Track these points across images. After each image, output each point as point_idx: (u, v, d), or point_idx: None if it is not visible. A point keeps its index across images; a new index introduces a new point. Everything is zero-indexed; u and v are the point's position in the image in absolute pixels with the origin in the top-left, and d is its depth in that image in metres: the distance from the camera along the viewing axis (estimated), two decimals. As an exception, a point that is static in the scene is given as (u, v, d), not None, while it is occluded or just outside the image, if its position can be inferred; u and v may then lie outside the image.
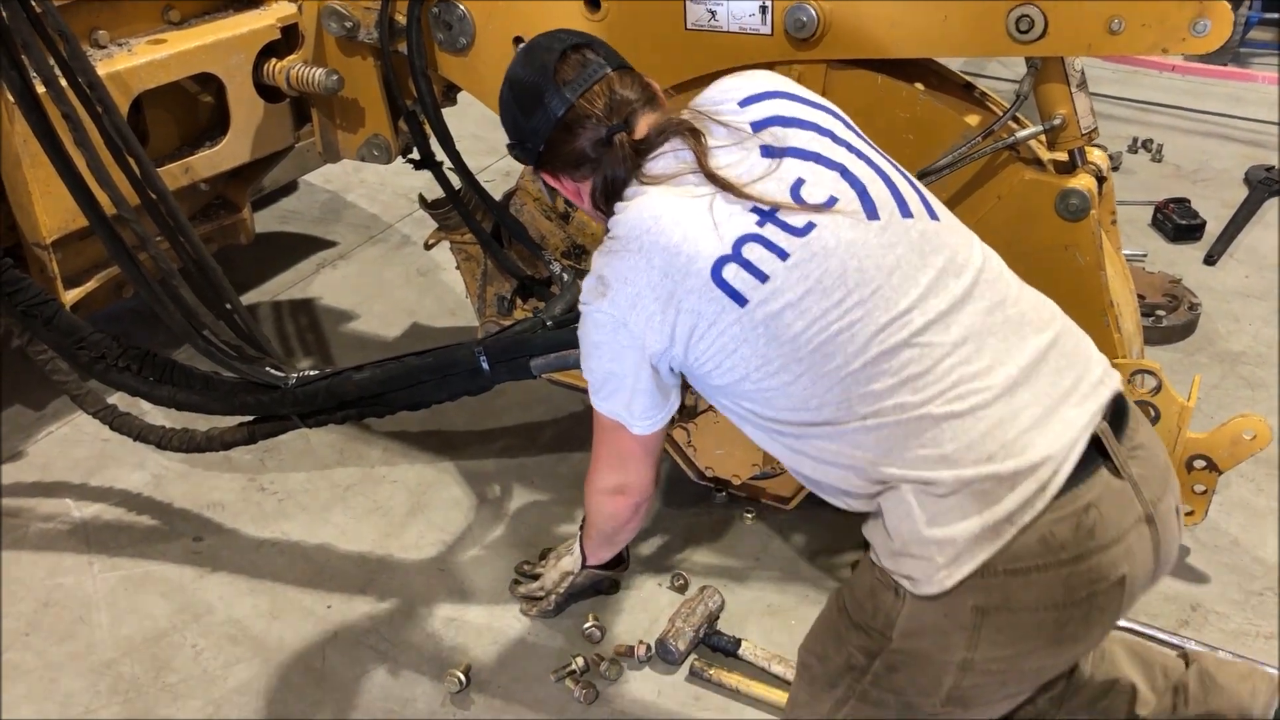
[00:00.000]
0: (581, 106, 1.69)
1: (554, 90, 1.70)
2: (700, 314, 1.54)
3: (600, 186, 1.71)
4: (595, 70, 1.72)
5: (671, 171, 1.62)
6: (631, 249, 1.58)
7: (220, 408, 2.38)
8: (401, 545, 2.52)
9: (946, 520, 1.44)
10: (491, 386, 2.28)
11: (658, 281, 1.55)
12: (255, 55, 2.79)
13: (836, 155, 1.62)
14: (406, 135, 2.98)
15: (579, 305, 1.68)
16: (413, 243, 3.82)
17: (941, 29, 2.18)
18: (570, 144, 1.71)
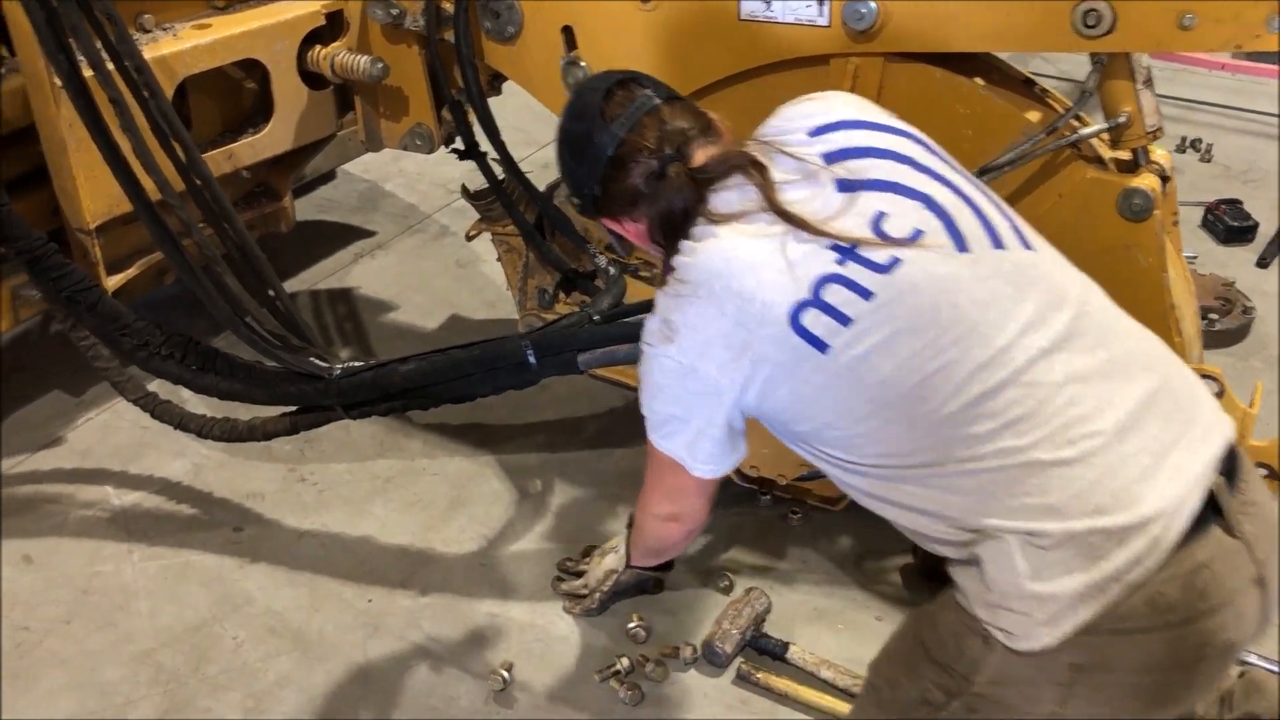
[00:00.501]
0: (631, 141, 1.62)
1: (602, 128, 1.64)
2: (778, 363, 1.47)
3: (657, 220, 1.63)
4: (643, 103, 1.66)
5: (738, 209, 1.53)
6: (701, 295, 1.50)
7: (263, 397, 2.35)
8: (443, 539, 2.49)
9: (1050, 575, 1.36)
10: (537, 380, 2.24)
11: (730, 330, 1.48)
12: (300, 42, 2.76)
13: (919, 184, 1.53)
14: (449, 125, 2.96)
15: (642, 344, 1.60)
16: (451, 233, 3.79)
17: (1005, 23, 2.13)
18: (624, 181, 1.64)
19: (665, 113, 1.66)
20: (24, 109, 2.41)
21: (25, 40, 2.26)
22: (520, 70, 2.65)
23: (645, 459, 2.61)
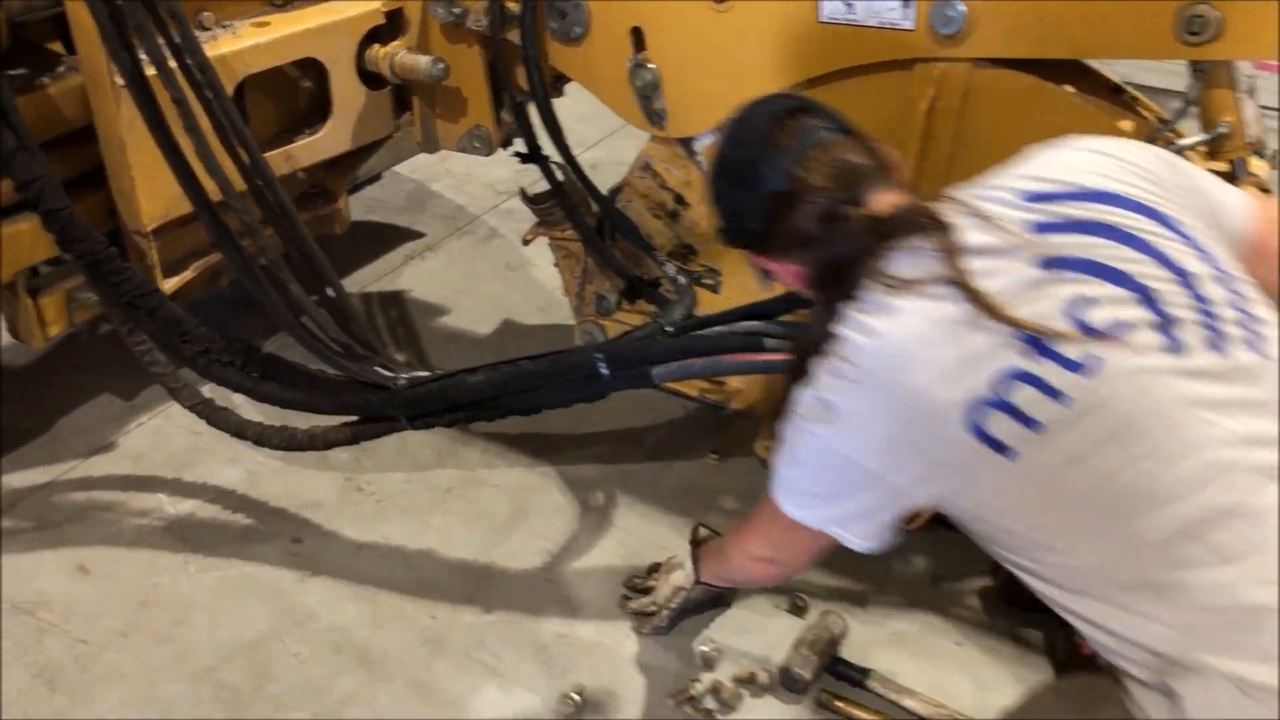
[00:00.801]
0: (802, 178, 1.49)
1: (770, 160, 1.51)
2: (953, 466, 1.35)
3: (821, 269, 1.50)
4: (816, 136, 1.52)
5: (915, 275, 1.38)
6: (870, 384, 1.36)
7: (326, 407, 2.30)
8: (505, 553, 2.42)
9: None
10: (608, 394, 2.18)
11: (899, 430, 1.36)
12: (359, 40, 2.70)
13: (1140, 273, 1.35)
14: (508, 126, 2.89)
15: (793, 415, 1.47)
16: (501, 235, 3.73)
17: (1103, 29, 2.04)
18: (791, 221, 1.51)
19: (841, 147, 1.52)
20: (82, 109, 2.35)
21: (87, 38, 2.20)
22: (585, 72, 2.59)
23: (712, 474, 2.56)
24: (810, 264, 1.53)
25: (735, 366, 2.10)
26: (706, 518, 2.50)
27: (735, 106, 2.40)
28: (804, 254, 1.54)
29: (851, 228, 1.45)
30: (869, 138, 1.57)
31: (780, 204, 1.51)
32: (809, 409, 1.45)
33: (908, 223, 1.43)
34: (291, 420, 2.41)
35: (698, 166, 2.60)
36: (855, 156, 1.52)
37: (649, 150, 2.66)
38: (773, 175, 1.51)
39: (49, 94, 2.31)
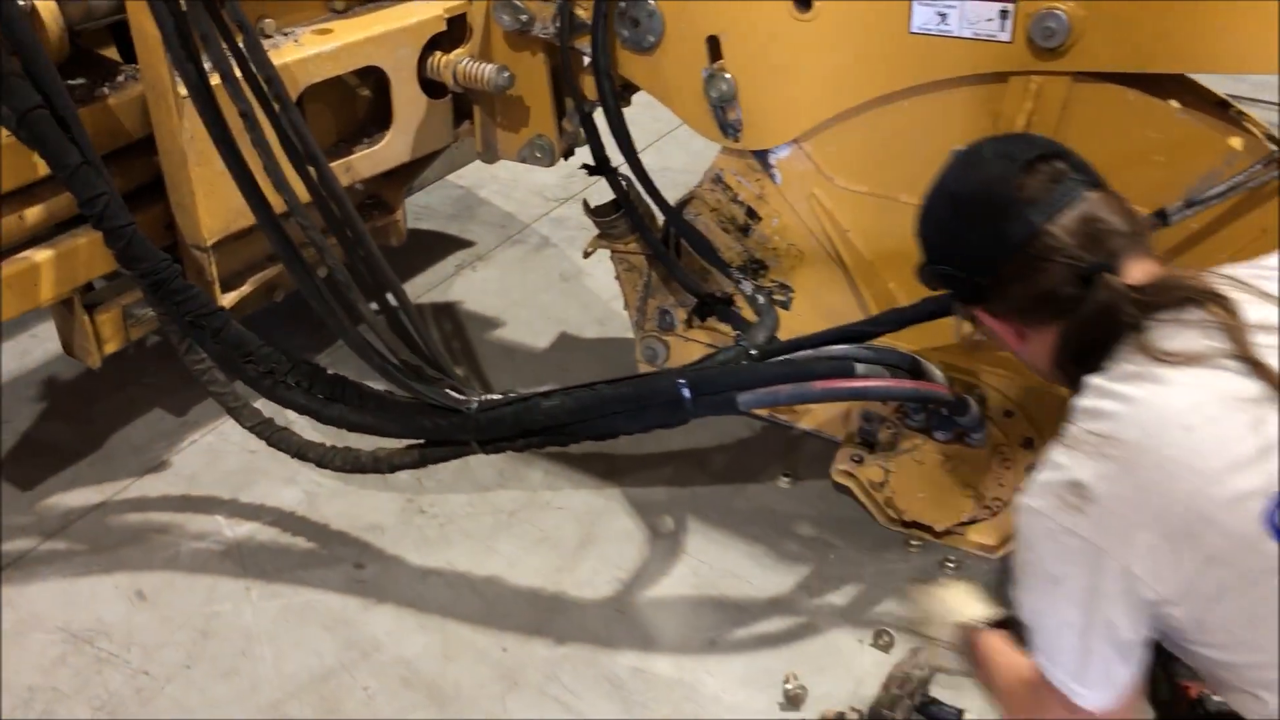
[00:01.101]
0: (1051, 234, 1.35)
1: (1017, 209, 1.36)
2: (1236, 570, 1.20)
3: (1073, 341, 1.36)
4: (1071, 189, 1.37)
5: (1194, 349, 1.24)
6: (1142, 463, 1.20)
7: (395, 430, 2.21)
8: (575, 581, 2.34)
9: None
10: (689, 420, 2.09)
11: (1176, 516, 1.19)
12: (421, 48, 2.62)
13: None
14: (569, 136, 2.81)
15: (1026, 500, 1.31)
16: (552, 245, 3.64)
17: (1216, 42, 1.95)
18: (1031, 280, 1.37)
19: (1094, 205, 1.37)
20: (141, 121, 2.28)
21: (150, 47, 2.13)
22: (657, 81, 2.50)
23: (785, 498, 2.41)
24: (1052, 331, 1.39)
25: (825, 393, 2.02)
26: (783, 545, 2.43)
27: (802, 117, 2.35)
28: (1042, 317, 1.40)
29: (1108, 298, 1.32)
30: (1121, 196, 1.43)
31: (1022, 260, 1.37)
32: (1046, 494, 1.28)
33: (1181, 295, 1.29)
34: (350, 441, 2.34)
35: (772, 180, 2.51)
36: (1111, 216, 1.38)
37: (721, 162, 2.57)
38: (1017, 226, 1.36)
39: (108, 105, 2.24)
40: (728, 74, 2.38)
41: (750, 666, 2.15)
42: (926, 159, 2.30)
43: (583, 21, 2.49)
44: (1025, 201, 1.37)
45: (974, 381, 2.28)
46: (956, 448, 2.27)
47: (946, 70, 2.19)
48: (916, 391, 2.07)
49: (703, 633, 2.22)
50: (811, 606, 2.29)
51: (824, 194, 2.46)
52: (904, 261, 2.43)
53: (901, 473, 2.34)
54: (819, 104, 2.36)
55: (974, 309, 1.50)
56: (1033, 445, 2.26)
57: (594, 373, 2.97)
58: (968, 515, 2.31)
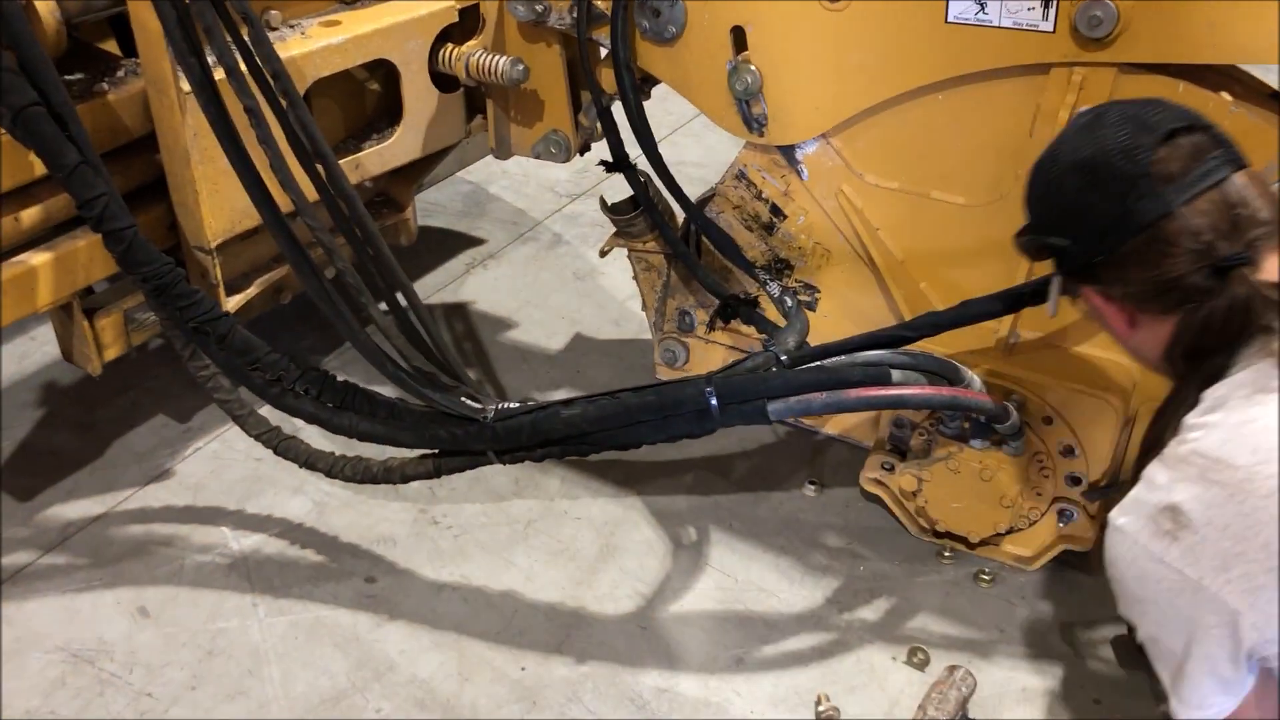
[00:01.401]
0: (1186, 216, 1.25)
1: (1149, 184, 1.26)
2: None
3: (1192, 338, 1.26)
4: (1214, 169, 1.27)
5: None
6: (1254, 490, 1.12)
7: (409, 440, 2.12)
8: (595, 596, 2.25)
9: None
10: (716, 429, 1.99)
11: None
12: (432, 41, 2.52)
13: None
14: (585, 131, 2.71)
15: (1112, 517, 1.24)
16: (565, 242, 3.54)
17: (1267, 33, 1.84)
18: (1156, 265, 1.27)
19: (1238, 188, 1.27)
20: (143, 117, 2.18)
21: (151, 41, 2.03)
22: (679, 74, 2.40)
23: (812, 506, 2.31)
24: (1170, 322, 1.30)
25: (860, 402, 1.92)
26: (810, 557, 2.34)
27: (831, 112, 2.25)
28: (1161, 306, 1.30)
29: (1241, 294, 1.22)
30: (1265, 179, 1.33)
31: (1149, 242, 1.27)
32: (1142, 517, 1.20)
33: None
34: (361, 450, 2.25)
35: (798, 176, 2.41)
36: (1255, 201, 1.27)
37: (744, 158, 2.47)
38: (1149, 204, 1.26)
39: (108, 101, 2.14)
40: (753, 66, 2.28)
41: (779, 686, 2.06)
42: (962, 155, 2.24)
43: (601, 12, 2.40)
44: (1161, 177, 1.26)
45: (1012, 387, 2.18)
46: (994, 456, 2.17)
47: (985, 62, 2.10)
48: (955, 399, 1.97)
49: (729, 650, 2.13)
50: (841, 622, 2.19)
51: (853, 191, 2.36)
52: (937, 261, 2.35)
53: (935, 482, 2.25)
54: (849, 97, 2.26)
55: (1087, 287, 1.40)
56: (1073, 453, 2.16)
57: (610, 375, 2.90)
58: (1004, 526, 2.21)
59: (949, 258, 2.32)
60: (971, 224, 2.27)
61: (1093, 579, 2.25)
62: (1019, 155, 2.17)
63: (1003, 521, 2.22)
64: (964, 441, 2.19)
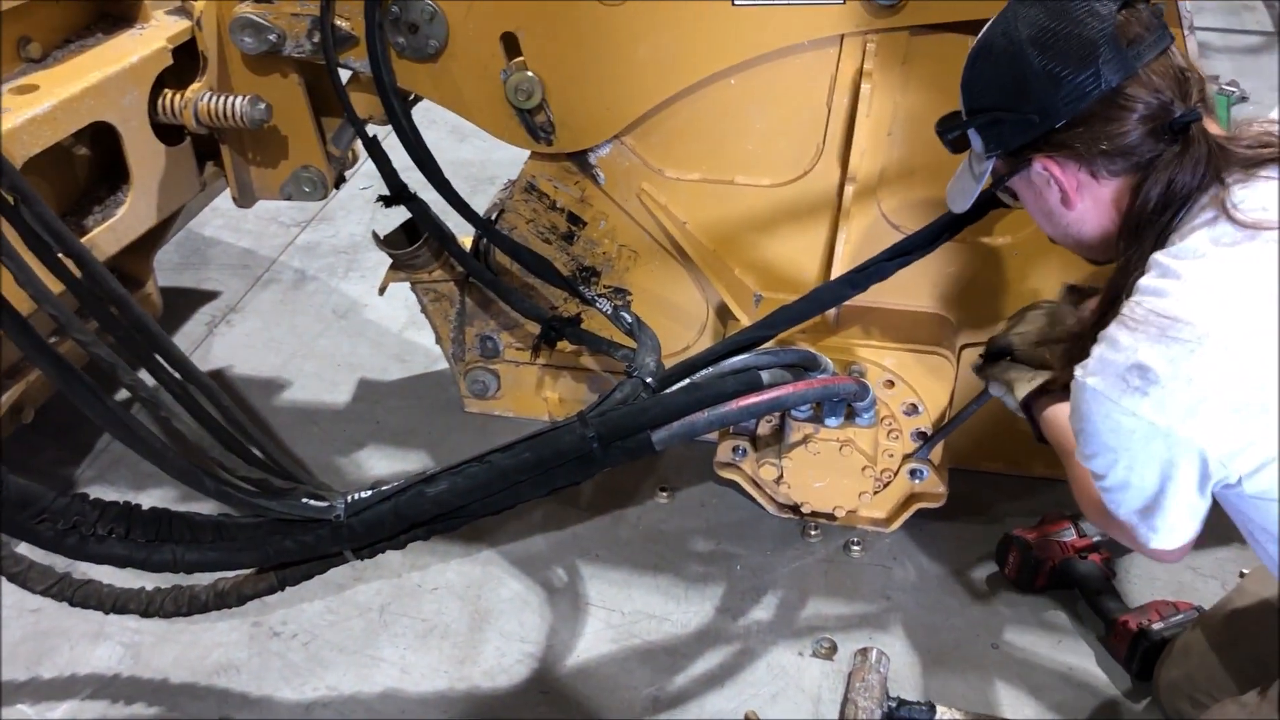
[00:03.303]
0: (1147, 78, 1.30)
1: (1114, 49, 1.29)
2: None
3: (1159, 195, 1.31)
4: (1163, 34, 1.33)
5: (1268, 218, 1.24)
6: (1211, 344, 1.21)
7: (250, 560, 1.84)
8: (483, 671, 2.06)
9: None
10: (600, 471, 1.86)
11: (1250, 391, 1.21)
12: (150, 89, 2.17)
13: None
14: (338, 162, 2.46)
15: (1084, 379, 1.30)
16: (311, 278, 3.22)
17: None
18: (1116, 124, 1.31)
19: (1179, 56, 1.34)
20: None
21: None
22: (447, 90, 2.22)
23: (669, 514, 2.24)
24: (1127, 184, 1.35)
25: (742, 413, 1.84)
26: (685, 568, 2.27)
27: (622, 111, 2.13)
28: (1117, 168, 1.35)
29: (1196, 150, 1.29)
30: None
31: (1110, 103, 1.31)
32: (1110, 375, 1.28)
33: (1261, 152, 1.28)
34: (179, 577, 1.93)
35: (594, 181, 2.29)
36: (1193, 67, 1.35)
37: (532, 169, 2.32)
38: (1112, 66, 1.30)
39: None
40: (530, 73, 2.13)
41: (703, 714, 1.98)
42: (761, 137, 2.20)
43: (347, 33, 2.15)
44: (1127, 41, 1.31)
45: (851, 358, 2.19)
46: (849, 430, 2.18)
47: (778, 40, 2.06)
48: (828, 389, 1.94)
49: (641, 691, 2.02)
50: (739, 629, 2.14)
51: (654, 188, 2.27)
52: (749, 245, 2.31)
53: (796, 466, 2.23)
54: (638, 95, 2.16)
55: (1039, 156, 1.41)
56: (917, 411, 2.20)
57: (415, 420, 2.67)
58: (868, 492, 2.23)
59: (762, 240, 2.29)
60: (780, 204, 2.24)
61: (952, 527, 2.32)
62: (818, 128, 2.17)
63: (865, 489, 2.23)
64: (819, 422, 2.18)
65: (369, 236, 2.39)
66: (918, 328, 2.23)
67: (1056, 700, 1.99)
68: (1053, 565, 2.16)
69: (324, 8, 2.11)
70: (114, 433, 1.71)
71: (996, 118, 1.41)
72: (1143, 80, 1.31)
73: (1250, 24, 4.89)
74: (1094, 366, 1.31)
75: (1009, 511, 2.35)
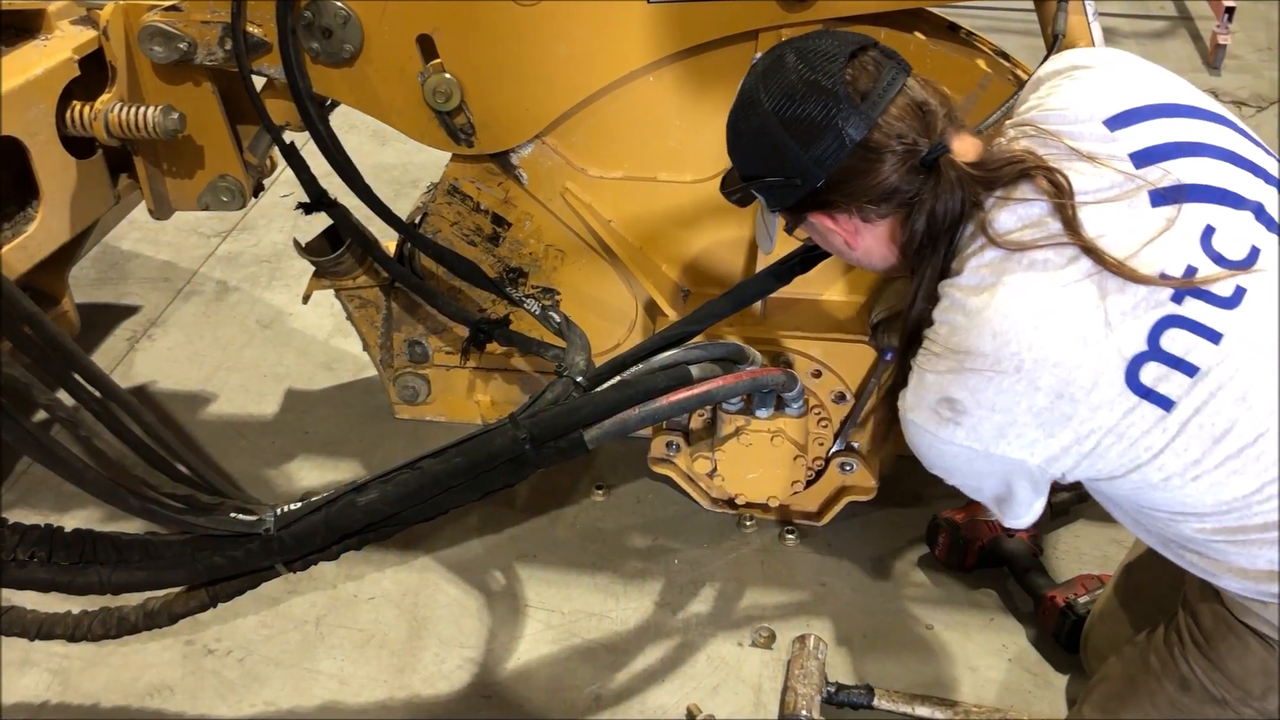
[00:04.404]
0: (888, 125, 1.33)
1: (850, 108, 1.32)
2: (1108, 429, 1.27)
3: (924, 229, 1.35)
4: (895, 77, 1.36)
5: (1028, 237, 1.28)
6: (1004, 369, 1.26)
7: (179, 578, 1.81)
8: (423, 678, 2.05)
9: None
10: (534, 472, 1.86)
11: (1047, 406, 1.26)
12: (56, 102, 2.12)
13: (1246, 188, 1.32)
14: (255, 170, 2.42)
15: (907, 416, 1.36)
16: (234, 289, 3.17)
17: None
18: (871, 175, 1.35)
19: (915, 89, 1.37)
20: None
21: None
22: (364, 94, 2.19)
23: (605, 512, 2.32)
24: (898, 223, 1.40)
25: (673, 408, 1.84)
26: (623, 565, 2.27)
27: (542, 111, 2.13)
28: (882, 211, 1.39)
29: (950, 180, 1.33)
30: (925, 77, 1.43)
31: (861, 155, 1.35)
32: (924, 412, 1.34)
33: (1015, 170, 1.32)
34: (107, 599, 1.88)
35: (517, 182, 2.28)
36: (931, 98, 1.38)
37: (454, 171, 2.31)
38: (854, 123, 1.33)
39: None
40: (448, 75, 2.11)
41: (645, 709, 1.99)
42: (682, 132, 2.21)
43: (259, 40, 2.12)
44: (858, 96, 1.34)
45: (778, 350, 2.21)
46: (779, 421, 2.20)
47: (694, 36, 2.07)
48: (756, 381, 1.96)
49: (583, 690, 2.03)
50: (679, 623, 2.15)
51: (578, 187, 2.27)
52: (675, 241, 2.32)
53: (729, 458, 2.25)
54: (558, 94, 2.15)
55: (812, 215, 1.47)
56: (844, 399, 2.23)
57: (345, 429, 2.64)
58: (800, 480, 2.25)
59: (687, 236, 2.30)
60: (703, 199, 2.25)
61: (884, 512, 2.35)
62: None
63: (798, 477, 2.25)
64: (749, 414, 2.20)
65: (291, 245, 2.35)
66: (842, 317, 2.26)
67: (991, 677, 2.03)
68: (981, 545, 2.20)
69: (235, 14, 2.07)
70: (33, 454, 1.67)
71: (764, 183, 1.46)
72: (884, 128, 1.34)
73: (1155, 9, 5.02)
74: (911, 400, 1.37)
75: (938, 494, 2.39)
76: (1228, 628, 1.44)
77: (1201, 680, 1.48)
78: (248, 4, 2.08)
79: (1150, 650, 1.56)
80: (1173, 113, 1.38)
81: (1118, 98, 1.39)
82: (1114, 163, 1.32)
